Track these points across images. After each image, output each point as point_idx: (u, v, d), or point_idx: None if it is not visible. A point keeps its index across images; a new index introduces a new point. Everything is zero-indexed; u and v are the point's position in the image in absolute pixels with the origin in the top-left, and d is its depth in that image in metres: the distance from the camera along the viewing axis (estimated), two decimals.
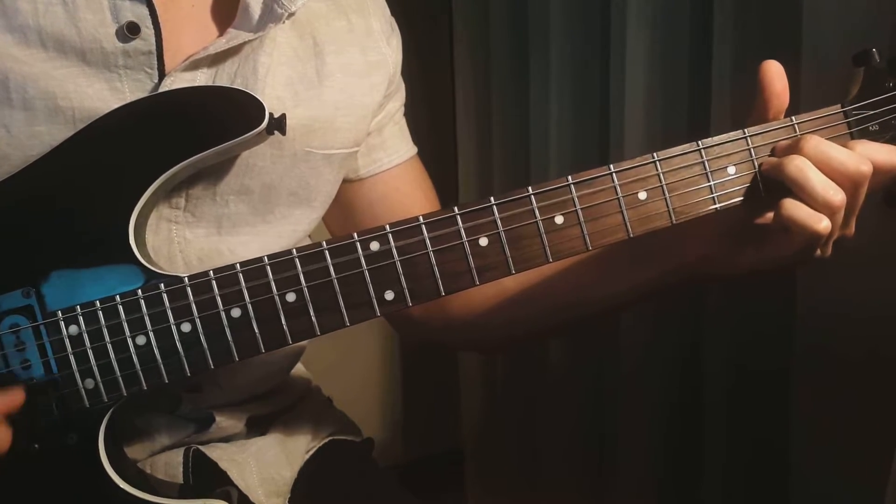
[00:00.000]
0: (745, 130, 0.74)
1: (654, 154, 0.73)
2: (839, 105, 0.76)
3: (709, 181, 0.74)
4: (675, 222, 0.74)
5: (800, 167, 0.71)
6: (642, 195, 0.73)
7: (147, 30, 0.75)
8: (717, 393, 1.35)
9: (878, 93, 0.75)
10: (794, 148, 0.73)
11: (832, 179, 0.71)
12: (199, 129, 0.74)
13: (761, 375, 1.30)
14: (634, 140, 1.40)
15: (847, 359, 1.13)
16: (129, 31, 0.74)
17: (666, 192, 0.73)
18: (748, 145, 0.74)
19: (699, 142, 0.74)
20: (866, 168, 0.71)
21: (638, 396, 1.50)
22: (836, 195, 0.70)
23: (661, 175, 0.73)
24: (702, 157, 0.74)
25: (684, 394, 1.45)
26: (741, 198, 0.75)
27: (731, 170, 0.74)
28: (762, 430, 1.31)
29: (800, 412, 1.21)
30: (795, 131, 0.75)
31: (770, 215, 0.73)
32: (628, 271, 0.85)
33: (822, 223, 0.71)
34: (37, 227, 0.72)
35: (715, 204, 0.74)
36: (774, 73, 0.75)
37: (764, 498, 1.33)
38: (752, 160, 0.74)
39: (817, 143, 0.72)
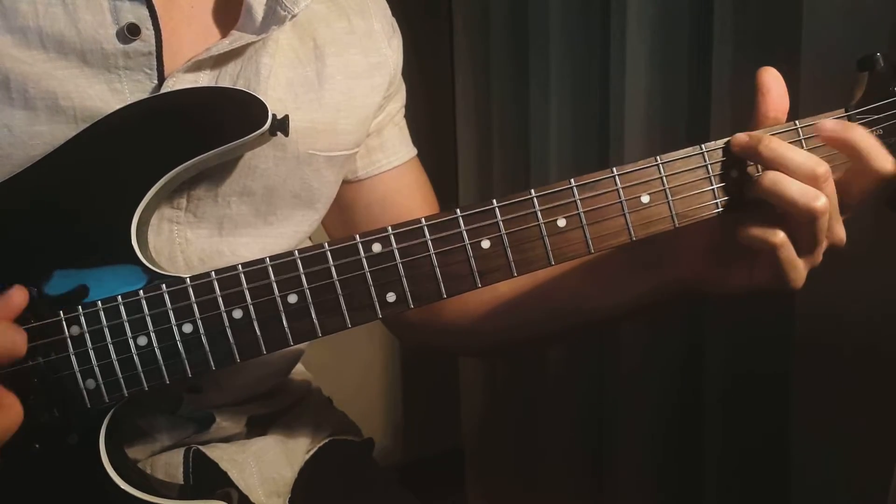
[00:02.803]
0: (749, 135, 0.74)
1: (657, 157, 0.73)
2: (843, 109, 0.76)
3: (712, 185, 0.74)
4: (677, 226, 0.74)
5: (774, 180, 0.71)
6: (645, 198, 0.73)
7: (147, 31, 0.75)
8: (717, 393, 1.35)
9: (883, 97, 0.75)
10: (751, 148, 0.73)
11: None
12: (202, 130, 0.73)
13: (761, 376, 1.30)
14: (634, 140, 1.40)
15: (847, 360, 1.13)
16: (130, 32, 0.74)
17: (669, 196, 0.73)
18: None
19: (702, 145, 0.74)
20: (823, 169, 0.71)
21: (638, 397, 1.50)
22: (818, 200, 0.70)
23: (664, 178, 0.73)
24: (705, 161, 0.74)
25: (684, 394, 1.45)
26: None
27: (735, 174, 0.74)
28: (762, 431, 1.32)
29: (800, 413, 1.22)
30: (799, 135, 0.75)
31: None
32: (625, 280, 0.85)
33: (778, 236, 0.71)
34: (39, 227, 0.72)
35: (718, 208, 0.74)
36: (771, 79, 0.75)
37: (764, 499, 1.34)
38: (757, 164, 0.74)
39: (769, 142, 0.72)
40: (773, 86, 0.75)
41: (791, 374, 1.22)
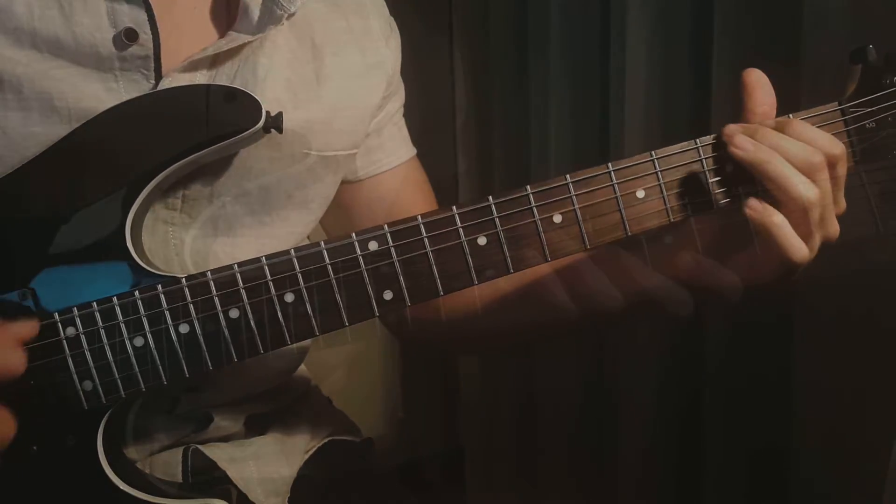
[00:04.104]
0: (742, 127, 0.74)
1: (652, 152, 0.73)
2: (836, 102, 0.76)
3: (707, 179, 0.74)
4: (672, 220, 0.74)
5: (766, 158, 0.70)
6: (640, 194, 0.73)
7: (145, 35, 0.75)
8: (717, 392, 1.35)
9: (875, 90, 0.75)
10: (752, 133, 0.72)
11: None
12: (196, 128, 0.73)
13: (761, 375, 1.30)
14: (634, 140, 1.39)
15: (846, 358, 1.13)
16: (127, 37, 0.74)
17: (664, 191, 0.73)
18: None
19: (697, 140, 0.74)
20: (818, 159, 0.71)
21: (638, 397, 1.50)
22: (810, 190, 0.70)
23: (659, 173, 0.73)
24: (699, 156, 0.74)
25: (684, 394, 1.44)
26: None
27: (730, 168, 0.74)
28: (762, 429, 1.31)
29: (799, 413, 1.21)
30: None
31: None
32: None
33: (777, 216, 0.70)
34: (32, 229, 0.72)
35: (714, 202, 0.74)
36: (755, 79, 0.75)
37: (764, 498, 1.33)
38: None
39: (763, 133, 0.71)
40: (758, 84, 0.75)
41: (791, 375, 1.22)
